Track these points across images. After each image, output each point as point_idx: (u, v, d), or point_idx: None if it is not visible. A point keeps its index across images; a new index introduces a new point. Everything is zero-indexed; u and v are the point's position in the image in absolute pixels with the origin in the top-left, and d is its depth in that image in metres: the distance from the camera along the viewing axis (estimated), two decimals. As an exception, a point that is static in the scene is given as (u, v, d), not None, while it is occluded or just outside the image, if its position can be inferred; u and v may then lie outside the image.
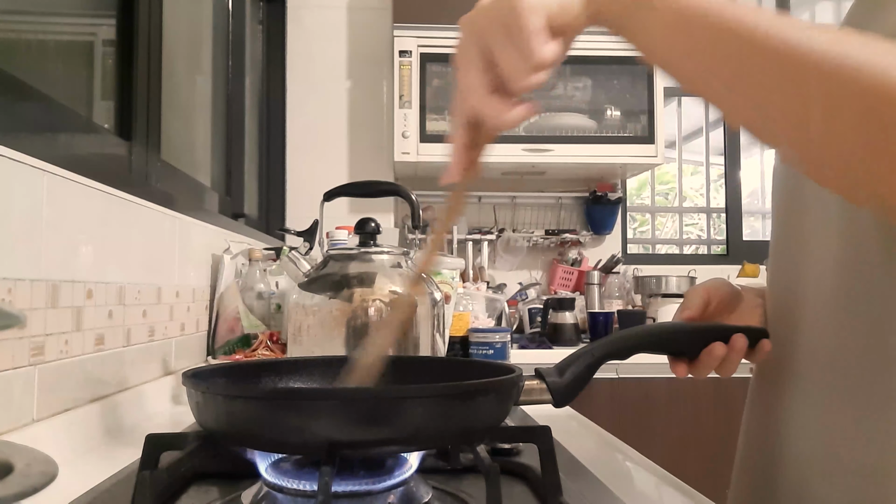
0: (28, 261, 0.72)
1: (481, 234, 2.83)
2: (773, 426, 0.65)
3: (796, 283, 0.64)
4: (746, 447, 0.72)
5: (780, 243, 0.69)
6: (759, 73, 0.42)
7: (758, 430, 0.70)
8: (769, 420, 0.66)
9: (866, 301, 0.55)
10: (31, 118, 0.82)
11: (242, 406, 0.51)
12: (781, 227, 0.69)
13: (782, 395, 0.64)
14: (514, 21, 0.44)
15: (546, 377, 0.60)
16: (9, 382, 0.68)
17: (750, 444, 0.71)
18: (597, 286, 2.64)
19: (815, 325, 0.61)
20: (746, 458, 0.71)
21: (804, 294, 0.63)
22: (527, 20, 0.44)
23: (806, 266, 0.63)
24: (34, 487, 0.32)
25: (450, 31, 2.48)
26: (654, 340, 0.65)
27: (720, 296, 0.74)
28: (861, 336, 0.56)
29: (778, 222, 0.70)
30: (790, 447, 0.62)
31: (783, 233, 0.68)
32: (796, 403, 0.62)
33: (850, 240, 0.57)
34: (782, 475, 0.63)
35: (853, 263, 0.57)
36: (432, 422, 0.50)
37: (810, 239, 0.62)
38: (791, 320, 0.64)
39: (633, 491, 0.65)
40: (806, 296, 0.62)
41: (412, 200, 1.00)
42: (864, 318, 0.55)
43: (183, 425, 0.88)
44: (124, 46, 1.23)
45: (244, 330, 1.37)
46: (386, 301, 0.93)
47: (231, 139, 2.16)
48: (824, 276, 0.59)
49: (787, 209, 0.67)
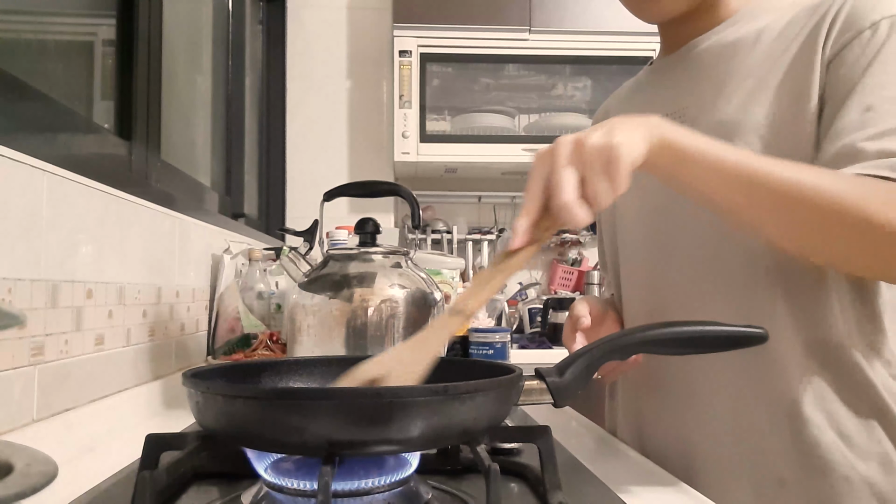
0: (28, 261, 0.72)
1: (481, 234, 2.83)
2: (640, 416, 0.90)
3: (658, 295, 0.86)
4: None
5: (643, 265, 0.89)
6: (766, 198, 0.66)
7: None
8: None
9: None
10: (31, 118, 0.82)
11: (242, 406, 0.51)
12: (647, 252, 0.88)
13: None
14: (615, 165, 0.60)
15: (546, 377, 0.60)
16: (9, 382, 0.68)
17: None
18: (597, 286, 2.64)
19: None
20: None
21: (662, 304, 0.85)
22: (624, 165, 0.60)
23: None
24: (34, 487, 0.32)
25: (450, 31, 2.48)
26: (654, 340, 0.65)
27: (597, 309, 0.89)
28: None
29: (643, 246, 0.89)
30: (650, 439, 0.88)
31: (647, 255, 0.88)
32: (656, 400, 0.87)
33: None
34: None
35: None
36: (432, 422, 0.50)
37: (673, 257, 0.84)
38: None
39: (633, 491, 0.65)
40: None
41: (412, 200, 1.00)
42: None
43: (182, 425, 0.88)
44: (124, 46, 1.23)
45: (244, 330, 1.37)
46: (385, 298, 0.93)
47: (231, 139, 2.16)
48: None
49: (655, 231, 0.87)
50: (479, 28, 2.49)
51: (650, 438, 0.88)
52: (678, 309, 0.83)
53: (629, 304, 0.92)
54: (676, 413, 0.83)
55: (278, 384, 0.70)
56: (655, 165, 0.65)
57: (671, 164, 0.66)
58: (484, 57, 2.52)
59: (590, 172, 0.60)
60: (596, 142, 0.61)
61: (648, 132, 0.64)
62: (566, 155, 0.61)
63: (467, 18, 2.48)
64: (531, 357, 2.17)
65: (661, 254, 0.86)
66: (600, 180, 0.60)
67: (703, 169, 0.65)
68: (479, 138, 2.50)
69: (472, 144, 2.48)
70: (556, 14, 2.50)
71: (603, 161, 0.60)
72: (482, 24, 2.49)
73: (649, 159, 0.64)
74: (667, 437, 0.85)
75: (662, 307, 0.85)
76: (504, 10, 2.50)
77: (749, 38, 0.80)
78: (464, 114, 2.53)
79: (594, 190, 0.60)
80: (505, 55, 2.52)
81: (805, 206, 0.64)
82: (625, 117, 0.65)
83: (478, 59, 2.52)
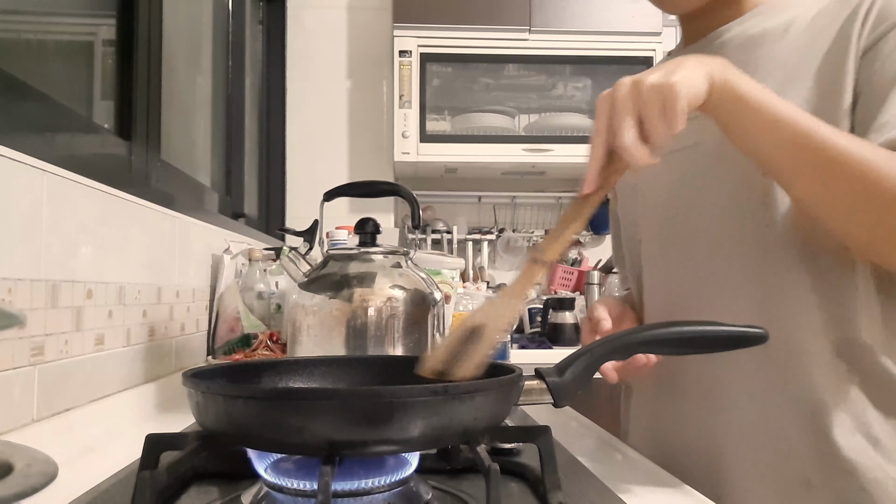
0: (28, 261, 0.72)
1: (481, 234, 2.83)
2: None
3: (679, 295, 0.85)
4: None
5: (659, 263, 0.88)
6: (814, 161, 0.65)
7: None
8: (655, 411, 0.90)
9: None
10: (31, 118, 0.82)
11: (242, 406, 0.51)
12: (661, 247, 0.87)
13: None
14: (671, 104, 0.60)
15: (546, 377, 0.60)
16: (9, 382, 0.68)
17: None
18: (597, 286, 2.64)
19: None
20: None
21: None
22: (680, 104, 0.60)
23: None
24: (34, 487, 0.32)
25: (450, 31, 2.48)
26: (655, 340, 0.65)
27: (617, 309, 0.88)
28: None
29: (656, 242, 0.88)
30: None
31: (662, 251, 0.87)
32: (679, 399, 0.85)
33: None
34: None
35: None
36: (432, 422, 0.50)
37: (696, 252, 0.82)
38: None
39: (634, 491, 0.65)
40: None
41: (412, 200, 1.00)
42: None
43: (183, 425, 0.88)
44: (124, 46, 1.23)
45: (244, 330, 1.37)
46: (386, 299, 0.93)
47: (231, 139, 2.16)
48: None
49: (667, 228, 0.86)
50: (479, 28, 2.49)
51: (668, 438, 0.86)
52: (700, 306, 0.81)
53: (649, 300, 0.90)
54: (698, 413, 0.82)
55: (278, 384, 0.70)
56: (714, 108, 0.65)
57: (730, 108, 0.65)
58: (484, 57, 2.52)
59: (647, 111, 0.60)
60: (654, 80, 0.61)
61: (711, 72, 0.63)
62: (624, 96, 0.61)
63: (467, 18, 2.49)
64: (531, 357, 2.17)
65: (682, 248, 0.84)
66: (656, 118, 0.60)
67: (758, 117, 0.64)
68: (479, 138, 2.50)
69: (472, 144, 2.48)
70: (556, 14, 2.50)
71: (660, 99, 0.60)
72: (482, 24, 2.49)
73: (710, 101, 0.63)
74: (687, 437, 0.83)
75: (683, 304, 0.84)
76: (504, 10, 2.50)
77: (777, 30, 0.78)
78: (464, 114, 2.53)
79: (650, 128, 0.60)
80: (505, 55, 2.52)
81: (847, 170, 0.63)
82: (692, 56, 0.65)
83: (478, 59, 2.52)
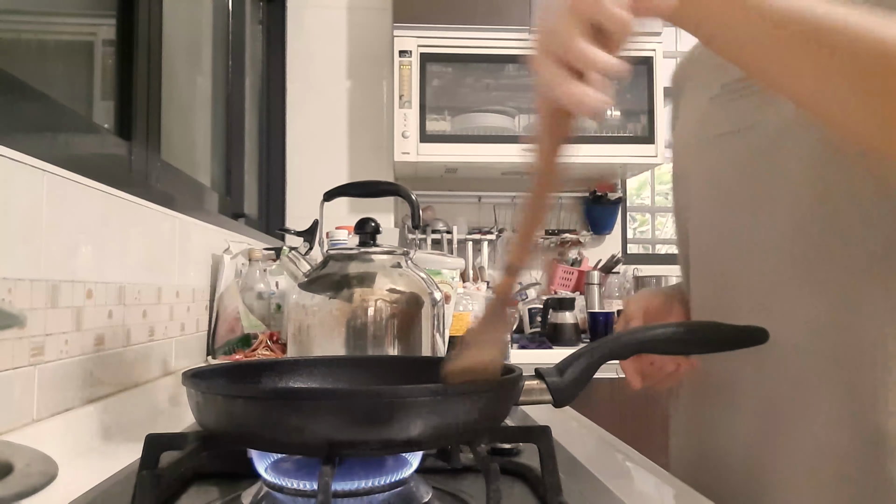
0: (28, 261, 0.72)
1: (481, 234, 2.83)
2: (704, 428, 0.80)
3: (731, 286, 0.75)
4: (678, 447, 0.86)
5: (710, 251, 0.79)
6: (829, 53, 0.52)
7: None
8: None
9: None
10: (31, 118, 0.82)
11: (242, 406, 0.51)
12: (712, 235, 0.78)
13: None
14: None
15: (546, 377, 0.60)
16: (9, 382, 0.68)
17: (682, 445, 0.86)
18: (597, 286, 2.64)
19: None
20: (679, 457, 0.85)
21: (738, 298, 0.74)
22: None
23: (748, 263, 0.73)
24: (34, 487, 0.32)
25: (450, 31, 2.48)
26: (655, 340, 0.65)
27: (656, 305, 0.84)
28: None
29: (706, 230, 0.79)
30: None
31: (713, 240, 0.78)
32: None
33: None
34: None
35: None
36: (432, 422, 0.50)
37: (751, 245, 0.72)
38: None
39: (633, 491, 0.65)
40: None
41: (412, 200, 1.00)
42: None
43: (183, 425, 0.88)
44: (124, 46, 1.23)
45: (244, 330, 1.37)
46: (386, 299, 0.93)
47: (231, 139, 2.16)
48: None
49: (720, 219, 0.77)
50: (479, 28, 2.49)
51: (708, 447, 0.79)
52: (753, 308, 0.72)
53: (696, 297, 0.82)
54: (747, 427, 0.73)
55: (278, 384, 0.70)
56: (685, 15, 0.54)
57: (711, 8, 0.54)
58: (484, 57, 2.52)
59: (592, 12, 0.51)
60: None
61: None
62: (544, 35, 0.52)
63: (467, 18, 2.49)
64: (531, 357, 2.17)
65: (734, 242, 0.75)
66: (605, 10, 0.50)
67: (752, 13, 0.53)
68: (479, 138, 2.50)
69: (472, 144, 2.48)
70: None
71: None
72: (482, 24, 2.49)
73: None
74: (733, 453, 0.74)
75: (732, 304, 0.74)
76: (504, 10, 2.50)
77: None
78: (464, 114, 2.53)
79: (606, 21, 0.50)
80: (505, 55, 2.52)
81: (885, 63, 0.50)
82: None
83: (478, 59, 2.52)
